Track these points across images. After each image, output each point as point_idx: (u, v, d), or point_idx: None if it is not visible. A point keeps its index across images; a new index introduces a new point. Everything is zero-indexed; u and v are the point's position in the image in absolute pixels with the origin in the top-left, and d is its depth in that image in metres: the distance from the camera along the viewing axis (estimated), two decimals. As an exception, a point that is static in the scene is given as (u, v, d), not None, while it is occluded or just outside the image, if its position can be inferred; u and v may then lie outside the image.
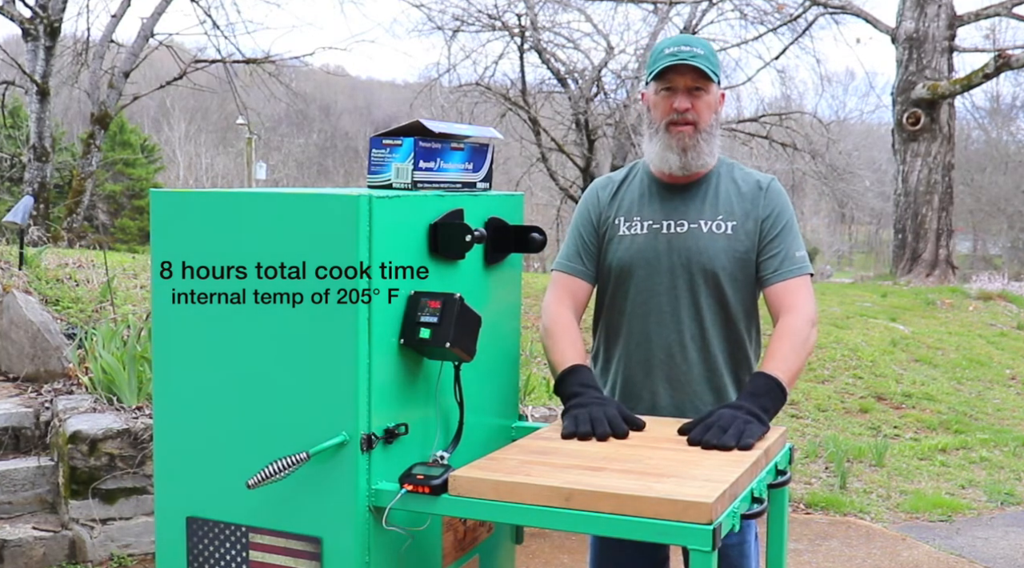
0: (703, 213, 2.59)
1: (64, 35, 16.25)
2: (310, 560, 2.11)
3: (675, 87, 2.54)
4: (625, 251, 2.62)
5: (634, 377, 2.67)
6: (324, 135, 46.64)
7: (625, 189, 2.70)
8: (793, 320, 2.50)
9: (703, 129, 2.55)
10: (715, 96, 2.57)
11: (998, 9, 16.38)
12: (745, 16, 19.73)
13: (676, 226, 2.59)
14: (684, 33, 20.23)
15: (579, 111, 20.04)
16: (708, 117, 2.55)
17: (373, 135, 2.34)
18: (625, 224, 2.64)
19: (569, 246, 2.72)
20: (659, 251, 2.59)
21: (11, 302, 5.65)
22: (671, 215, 2.60)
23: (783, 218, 2.60)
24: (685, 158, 2.55)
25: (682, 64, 2.52)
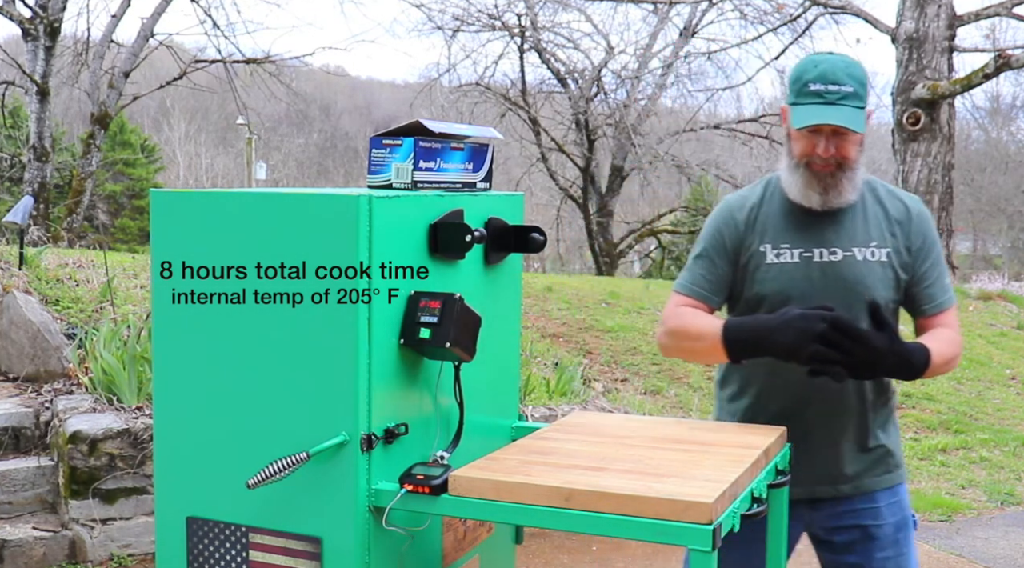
0: (855, 239, 2.44)
1: (64, 35, 16.25)
2: (310, 560, 2.11)
3: (820, 130, 2.36)
4: (774, 280, 2.44)
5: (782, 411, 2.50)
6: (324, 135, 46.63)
7: (764, 211, 2.50)
8: (952, 334, 2.48)
9: (848, 167, 2.39)
10: (863, 130, 2.38)
11: (998, 9, 16.38)
12: (745, 16, 19.73)
13: (829, 254, 2.43)
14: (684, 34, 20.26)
15: (579, 111, 20.04)
16: (854, 155, 2.39)
17: (373, 135, 2.34)
18: (772, 251, 2.45)
19: (695, 270, 2.52)
20: (814, 281, 2.42)
21: (11, 302, 5.65)
22: (822, 242, 2.44)
23: (934, 245, 2.50)
24: (827, 197, 2.40)
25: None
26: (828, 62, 2.36)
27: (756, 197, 2.52)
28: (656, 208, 24.94)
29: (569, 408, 5.25)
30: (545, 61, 20.05)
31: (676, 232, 25.12)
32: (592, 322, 8.41)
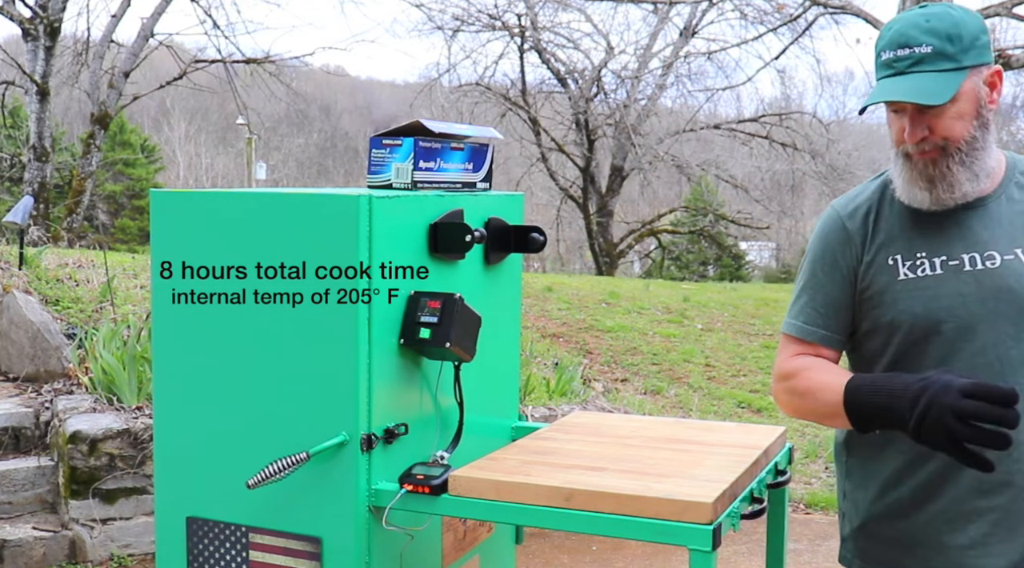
0: (1016, 238, 1.86)
1: (64, 35, 16.25)
2: (310, 560, 2.11)
3: (903, 109, 1.85)
4: (915, 301, 1.87)
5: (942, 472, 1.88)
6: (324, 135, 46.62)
7: (885, 213, 1.94)
8: None
9: (955, 149, 1.83)
10: (970, 95, 1.83)
11: (998, 9, 16.38)
12: (745, 16, 19.73)
13: (985, 260, 1.85)
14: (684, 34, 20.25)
15: (579, 111, 20.05)
16: (959, 131, 1.82)
17: (373, 135, 2.34)
18: (905, 264, 1.89)
19: (804, 303, 1.99)
20: (968, 297, 1.85)
21: (11, 302, 5.65)
22: (971, 246, 1.87)
23: None
24: (936, 192, 1.85)
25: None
26: (904, 20, 1.85)
27: (871, 197, 1.97)
28: (656, 208, 24.94)
29: (569, 408, 5.25)
30: (545, 61, 20.05)
31: (676, 232, 25.13)
32: (592, 322, 8.41)
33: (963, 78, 1.81)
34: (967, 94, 1.82)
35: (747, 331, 9.02)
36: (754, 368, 7.95)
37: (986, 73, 1.83)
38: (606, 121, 20.29)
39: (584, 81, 20.09)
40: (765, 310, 10.02)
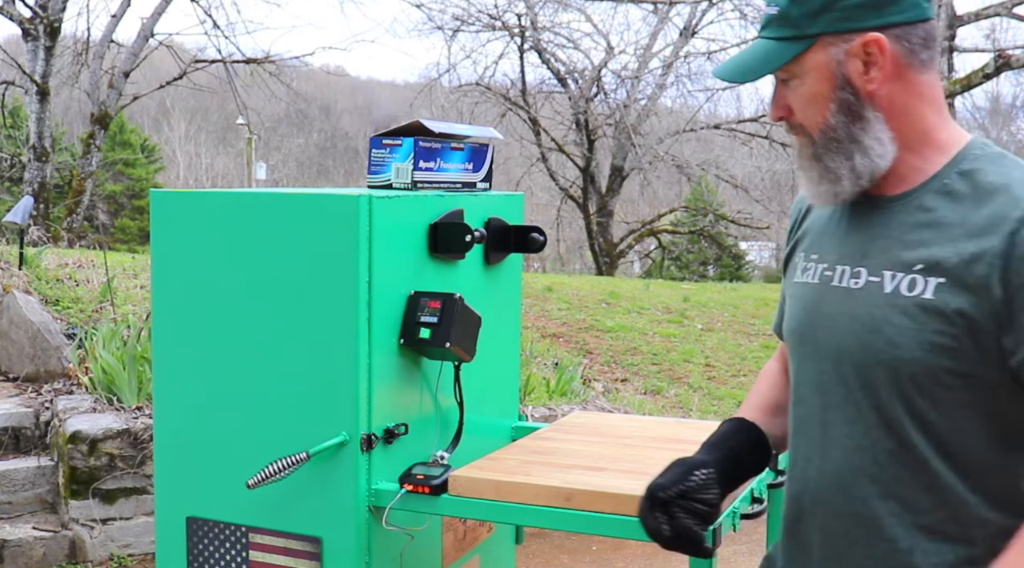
0: (895, 257, 1.41)
1: (64, 35, 16.24)
2: (310, 560, 2.11)
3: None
4: (793, 309, 1.58)
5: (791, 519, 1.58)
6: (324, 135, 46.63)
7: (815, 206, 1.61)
8: None
9: (814, 138, 1.47)
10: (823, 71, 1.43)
11: (998, 9, 16.39)
12: (745, 16, 19.73)
13: (851, 277, 1.47)
14: (684, 34, 20.27)
15: (579, 111, 20.04)
16: (815, 115, 1.45)
17: (373, 135, 2.34)
18: (801, 265, 1.58)
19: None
20: (822, 320, 1.49)
21: (11, 302, 5.64)
22: (849, 257, 1.49)
23: None
24: (820, 188, 1.49)
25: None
26: None
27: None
28: (656, 208, 24.93)
29: (569, 408, 5.25)
30: (545, 61, 20.04)
31: (676, 232, 25.12)
32: (592, 322, 8.41)
33: (801, 49, 1.43)
34: (818, 70, 1.43)
35: (747, 331, 9.02)
36: (754, 368, 7.95)
37: (855, 43, 1.40)
38: (606, 121, 20.28)
39: (584, 81, 20.08)
40: (765, 310, 10.02)
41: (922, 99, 1.43)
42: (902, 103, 1.43)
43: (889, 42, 1.40)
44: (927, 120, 1.43)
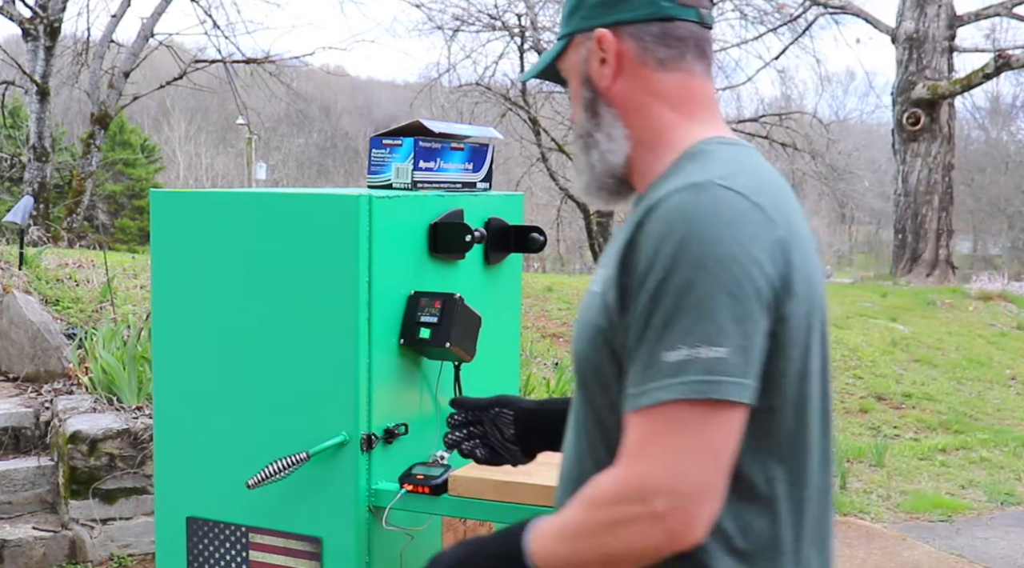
0: (606, 255, 1.39)
1: (64, 35, 16.25)
2: (310, 560, 2.11)
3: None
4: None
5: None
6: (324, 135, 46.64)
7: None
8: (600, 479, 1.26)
9: (574, 131, 1.51)
10: (574, 70, 1.46)
11: (998, 9, 16.39)
12: (745, 16, 19.73)
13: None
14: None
15: (579, 111, 20.03)
16: (574, 116, 1.49)
17: (373, 135, 2.35)
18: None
19: None
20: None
21: (11, 302, 5.65)
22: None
23: (662, 287, 1.21)
24: (577, 183, 1.51)
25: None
26: None
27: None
28: (656, 208, 24.88)
29: (569, 408, 5.24)
30: (545, 61, 20.03)
31: (676, 232, 25.08)
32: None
33: (560, 48, 1.47)
34: (573, 68, 1.45)
35: (747, 331, 9.02)
36: (754, 368, 7.95)
37: (593, 40, 1.41)
38: (606, 121, 20.27)
39: (584, 81, 20.08)
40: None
41: (658, 97, 1.40)
42: (637, 101, 1.40)
43: (620, 39, 1.39)
44: (663, 119, 1.40)
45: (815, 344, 1.29)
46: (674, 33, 1.39)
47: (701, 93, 1.41)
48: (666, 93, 1.40)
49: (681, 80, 1.40)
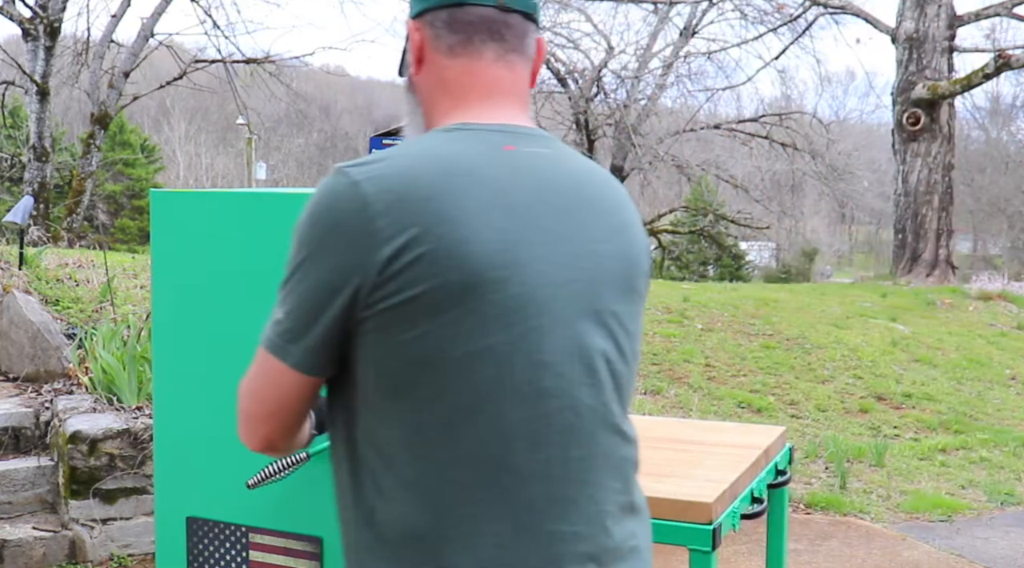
0: None
1: (64, 35, 16.26)
2: (310, 560, 2.11)
3: None
4: None
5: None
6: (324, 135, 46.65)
7: None
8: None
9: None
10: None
11: (998, 9, 16.39)
12: (745, 16, 19.74)
13: None
14: (684, 34, 20.28)
15: (579, 111, 20.05)
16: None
17: (373, 135, 2.34)
18: None
19: None
20: None
21: (11, 302, 5.65)
22: None
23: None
24: None
25: None
26: None
27: None
28: (656, 208, 24.95)
29: (569, 408, 5.24)
30: (545, 61, 20.06)
31: (676, 232, 25.14)
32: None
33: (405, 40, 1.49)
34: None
35: (747, 331, 9.03)
36: (754, 368, 7.95)
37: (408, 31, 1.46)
38: (606, 121, 20.29)
39: (584, 81, 20.09)
40: (765, 310, 10.03)
41: (443, 85, 1.41)
42: (428, 89, 1.43)
43: (421, 29, 1.41)
44: (440, 107, 1.41)
45: (491, 326, 1.26)
46: (462, 18, 1.39)
47: (484, 78, 1.40)
48: (449, 80, 1.40)
49: (465, 66, 1.40)
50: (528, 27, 1.43)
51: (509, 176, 1.31)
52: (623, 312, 1.36)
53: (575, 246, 1.33)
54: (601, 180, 1.41)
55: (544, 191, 1.32)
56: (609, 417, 1.35)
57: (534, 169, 1.34)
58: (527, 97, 1.45)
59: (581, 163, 1.41)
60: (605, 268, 1.34)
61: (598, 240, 1.35)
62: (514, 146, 1.35)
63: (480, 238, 1.25)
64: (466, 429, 1.27)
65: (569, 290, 1.31)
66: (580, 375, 1.31)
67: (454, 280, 1.23)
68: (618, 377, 1.36)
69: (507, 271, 1.26)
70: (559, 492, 1.30)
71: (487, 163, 1.31)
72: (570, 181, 1.36)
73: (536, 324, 1.28)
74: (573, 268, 1.32)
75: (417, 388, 1.27)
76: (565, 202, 1.34)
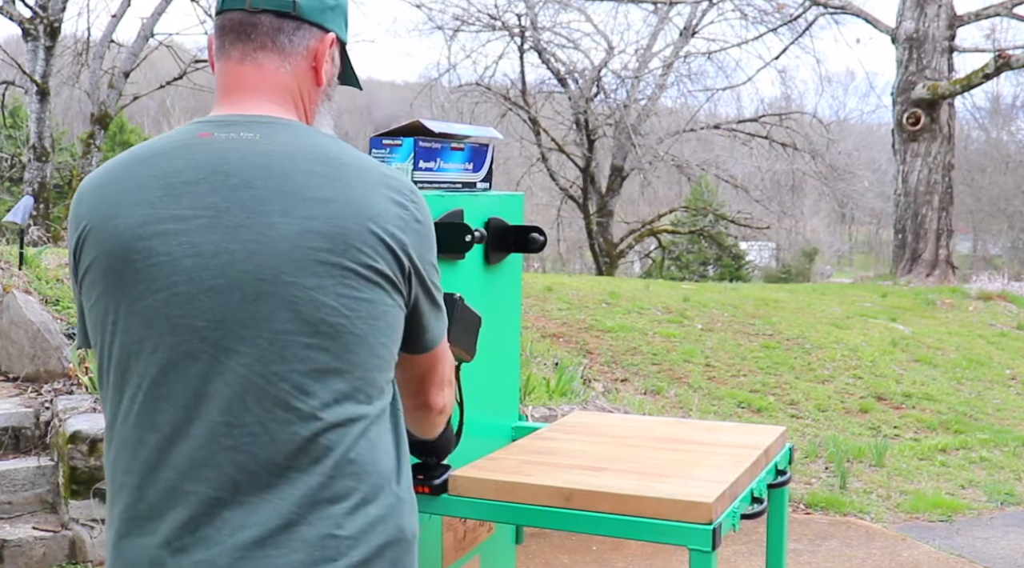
0: None
1: (64, 35, 16.25)
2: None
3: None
4: None
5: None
6: (324, 135, 46.56)
7: None
8: None
9: None
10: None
11: (998, 9, 16.39)
12: (745, 16, 19.75)
13: None
14: (684, 34, 20.29)
15: (579, 111, 20.05)
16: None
17: (373, 135, 2.34)
18: None
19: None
20: None
21: (11, 302, 5.65)
22: None
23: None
24: None
25: None
26: None
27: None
28: (656, 208, 24.94)
29: (569, 408, 5.25)
30: (545, 61, 20.04)
31: (676, 232, 25.12)
32: (592, 322, 8.41)
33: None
34: None
35: (747, 331, 9.03)
36: (754, 368, 7.95)
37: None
38: (606, 121, 20.29)
39: (584, 81, 20.09)
40: (765, 310, 10.03)
41: (216, 85, 1.56)
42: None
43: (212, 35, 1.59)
44: (214, 105, 1.56)
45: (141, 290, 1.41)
46: (221, 24, 1.54)
47: (232, 77, 1.53)
48: (217, 80, 1.56)
49: (221, 67, 1.55)
50: (283, 24, 1.52)
51: (183, 159, 1.44)
52: (311, 284, 1.38)
53: (238, 219, 1.40)
54: (310, 160, 1.44)
55: (219, 173, 1.42)
56: (269, 388, 1.37)
57: (220, 152, 1.43)
58: (286, 91, 1.53)
59: (288, 146, 1.45)
60: (280, 241, 1.38)
61: (274, 215, 1.39)
62: (211, 133, 1.46)
63: (130, 213, 1.42)
64: (129, 389, 1.42)
65: (221, 260, 1.39)
66: (229, 341, 1.38)
67: (106, 251, 1.42)
68: (283, 347, 1.38)
69: (151, 241, 1.40)
70: (200, 455, 1.38)
71: (171, 148, 1.46)
72: (259, 162, 1.42)
73: (182, 290, 1.39)
74: (234, 240, 1.39)
75: (98, 349, 1.47)
76: (240, 181, 1.41)
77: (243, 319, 1.38)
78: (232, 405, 1.37)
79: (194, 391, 1.38)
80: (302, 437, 1.37)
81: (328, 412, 1.39)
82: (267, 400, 1.37)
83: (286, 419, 1.37)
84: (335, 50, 1.59)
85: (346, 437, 1.40)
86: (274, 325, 1.37)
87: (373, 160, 1.51)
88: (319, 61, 1.55)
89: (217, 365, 1.38)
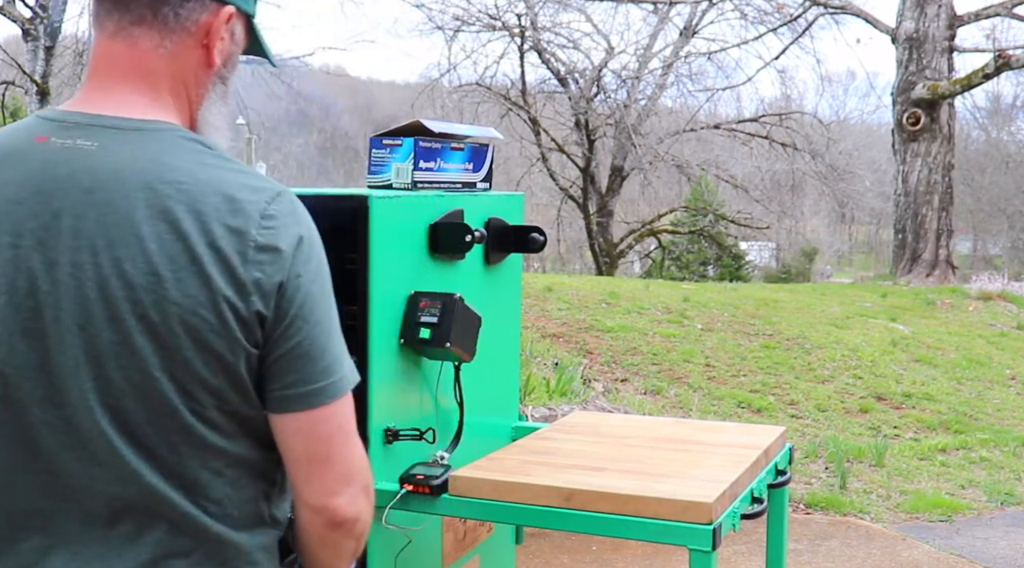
0: None
1: (64, 35, 16.25)
2: (310, 560, 2.11)
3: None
4: None
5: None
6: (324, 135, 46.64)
7: None
8: None
9: None
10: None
11: (998, 9, 16.38)
12: (745, 16, 19.75)
13: None
14: (684, 34, 20.29)
15: (579, 111, 20.05)
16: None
17: (373, 135, 2.35)
18: None
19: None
20: None
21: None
22: None
23: None
24: None
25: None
26: None
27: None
28: (656, 208, 24.93)
29: (569, 408, 5.25)
30: (545, 61, 20.05)
31: (676, 232, 25.12)
32: (592, 322, 8.41)
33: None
34: None
35: (747, 331, 9.02)
36: (754, 368, 7.95)
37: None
38: (606, 121, 20.29)
39: (584, 81, 20.10)
40: (765, 310, 10.03)
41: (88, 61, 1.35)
42: None
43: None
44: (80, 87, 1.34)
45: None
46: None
47: (101, 56, 1.30)
48: (89, 59, 1.35)
49: (95, 42, 1.32)
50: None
51: (15, 170, 1.22)
52: (115, 338, 1.19)
53: (54, 255, 1.19)
54: (141, 184, 1.21)
55: (42, 193, 1.21)
56: (75, 438, 1.21)
57: (49, 165, 1.22)
58: (161, 77, 1.29)
59: (125, 164, 1.22)
60: (88, 282, 1.19)
61: (93, 251, 1.19)
62: (47, 137, 1.24)
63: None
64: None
65: (26, 300, 1.20)
66: (37, 390, 1.21)
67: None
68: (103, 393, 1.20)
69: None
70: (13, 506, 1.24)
71: (5, 153, 1.25)
72: (86, 183, 1.20)
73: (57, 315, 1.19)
74: (42, 277, 1.19)
75: None
76: (61, 206, 1.20)
77: (53, 368, 1.20)
78: (41, 457, 1.23)
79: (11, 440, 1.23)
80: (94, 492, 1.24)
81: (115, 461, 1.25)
82: (76, 451, 1.23)
83: (92, 469, 1.23)
84: (235, 25, 1.34)
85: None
86: (82, 383, 1.20)
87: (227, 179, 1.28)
88: (212, 38, 1.30)
89: (25, 415, 1.22)
